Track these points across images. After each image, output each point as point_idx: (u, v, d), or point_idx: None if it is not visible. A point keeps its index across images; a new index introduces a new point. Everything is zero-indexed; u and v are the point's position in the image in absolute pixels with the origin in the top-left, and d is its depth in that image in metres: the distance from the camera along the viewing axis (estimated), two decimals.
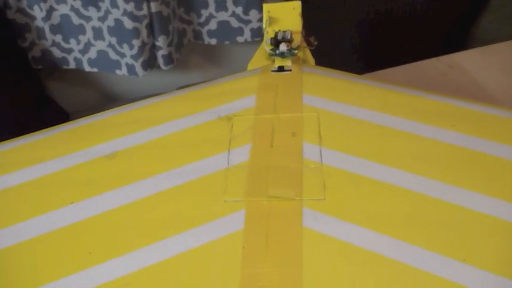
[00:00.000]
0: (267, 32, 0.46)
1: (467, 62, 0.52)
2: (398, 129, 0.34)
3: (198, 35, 0.81)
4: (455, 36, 0.87)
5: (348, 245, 0.28)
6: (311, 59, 0.45)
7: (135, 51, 0.74)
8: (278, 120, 0.35)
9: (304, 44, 0.46)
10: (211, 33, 0.81)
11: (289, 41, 0.44)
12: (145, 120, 0.39)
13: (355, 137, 0.33)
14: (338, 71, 0.41)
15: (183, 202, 0.33)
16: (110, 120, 0.41)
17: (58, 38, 0.77)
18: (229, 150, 0.33)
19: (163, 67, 0.78)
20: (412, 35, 0.83)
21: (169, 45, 0.75)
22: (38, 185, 0.36)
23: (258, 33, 0.80)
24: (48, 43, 0.77)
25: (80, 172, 0.36)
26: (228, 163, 0.33)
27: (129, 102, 0.79)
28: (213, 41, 0.82)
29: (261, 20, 0.78)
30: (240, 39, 0.81)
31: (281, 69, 0.40)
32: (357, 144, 0.33)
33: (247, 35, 0.80)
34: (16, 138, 0.42)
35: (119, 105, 0.92)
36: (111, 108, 0.91)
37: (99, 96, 0.89)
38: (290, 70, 0.40)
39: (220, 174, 0.33)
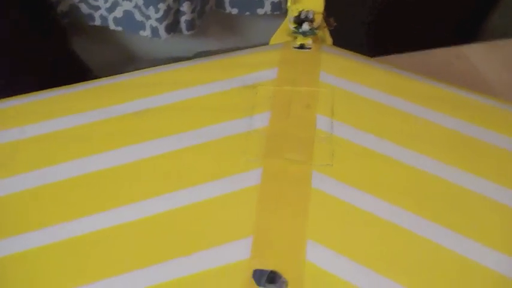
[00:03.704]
0: (291, 10, 0.49)
1: (473, 54, 0.56)
2: (405, 111, 0.38)
3: (220, 3, 0.84)
4: (468, 27, 0.90)
5: (350, 206, 0.32)
6: (329, 39, 0.49)
7: (160, 14, 0.77)
8: (295, 92, 0.39)
9: (324, 24, 0.50)
10: (233, 3, 0.84)
11: (311, 21, 0.47)
12: (171, 83, 0.43)
13: (364, 114, 0.38)
14: (354, 53, 0.45)
15: (204, 158, 0.37)
16: (134, 81, 0.45)
17: None
18: (251, 116, 0.38)
19: (185, 32, 0.81)
20: (426, 20, 0.86)
21: (192, 11, 0.79)
22: (59, 137, 0.39)
23: (277, 7, 0.83)
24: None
25: (103, 127, 0.40)
26: (250, 127, 0.37)
27: (148, 63, 0.83)
28: (234, 11, 0.85)
29: None
30: (260, 11, 0.84)
31: (302, 46, 0.44)
32: (365, 120, 0.37)
33: (267, 7, 0.83)
34: (40, 92, 0.45)
35: (138, 65, 0.97)
36: (130, 66, 0.95)
37: (118, 55, 0.93)
38: (310, 48, 0.44)
39: (241, 136, 0.37)
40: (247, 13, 0.85)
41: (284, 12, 0.53)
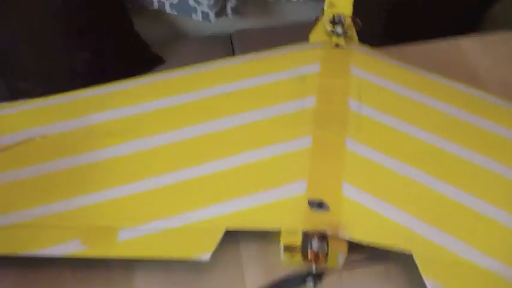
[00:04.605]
0: (327, 14, 0.64)
1: (470, 47, 0.70)
2: (414, 99, 0.54)
3: None
4: (472, 18, 1.02)
5: (373, 162, 0.49)
6: (355, 38, 0.64)
7: (211, 2, 0.92)
8: (333, 82, 0.55)
9: (352, 25, 0.65)
10: None
11: (343, 23, 0.62)
12: (234, 75, 0.57)
13: (384, 99, 0.53)
14: (374, 50, 0.60)
15: (269, 128, 0.53)
16: (206, 73, 0.59)
17: None
18: (302, 99, 0.54)
19: (230, 16, 0.96)
20: (433, 12, 0.99)
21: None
22: (173, 110, 0.55)
23: None
24: None
25: (200, 105, 0.54)
26: (302, 107, 0.53)
27: (196, 40, 1.01)
28: None
29: None
30: None
31: (337, 45, 0.59)
32: (385, 104, 0.53)
33: None
34: (110, 84, 0.58)
35: (186, 41, 1.14)
36: (180, 43, 1.13)
37: (170, 33, 1.09)
38: (343, 47, 0.59)
39: (295, 114, 0.53)
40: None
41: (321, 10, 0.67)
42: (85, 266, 0.48)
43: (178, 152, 0.53)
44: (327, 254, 0.43)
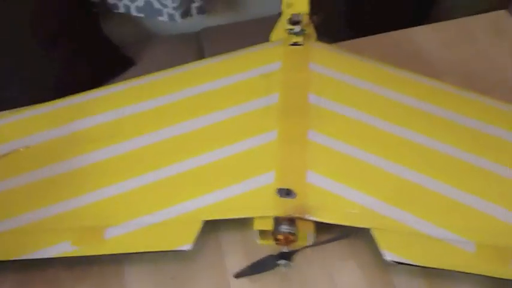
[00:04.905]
0: (285, 14, 0.68)
1: (420, 36, 0.76)
2: (371, 90, 0.59)
3: None
4: (422, 10, 1.08)
5: (333, 150, 0.54)
6: (314, 34, 0.68)
7: (176, 4, 0.95)
8: (294, 78, 0.60)
9: (310, 22, 0.69)
10: None
11: (300, 21, 0.67)
12: (203, 77, 0.61)
13: (341, 92, 0.58)
14: (335, 47, 0.65)
15: (237, 125, 0.57)
16: (176, 76, 0.63)
17: None
18: (267, 96, 0.58)
19: (195, 16, 1.00)
20: (388, 7, 1.05)
21: None
22: (152, 112, 0.59)
23: None
24: None
25: (170, 107, 0.59)
26: (266, 103, 0.58)
27: (163, 40, 1.04)
28: None
29: None
30: None
31: (296, 44, 0.64)
32: (343, 97, 0.58)
33: None
34: (89, 92, 0.62)
35: (154, 41, 1.18)
36: (148, 42, 1.17)
37: (138, 34, 1.11)
38: (302, 45, 0.64)
39: (261, 110, 0.58)
40: None
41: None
42: (78, 264, 0.52)
43: (156, 152, 0.57)
44: (296, 235, 0.48)
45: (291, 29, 0.65)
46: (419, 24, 0.79)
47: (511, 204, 0.51)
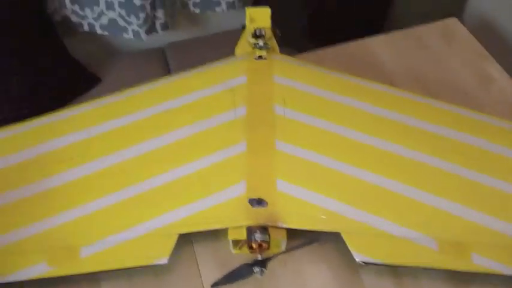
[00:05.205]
0: (249, 29, 0.71)
1: (375, 45, 0.79)
2: (335, 100, 0.62)
3: (185, 5, 1.04)
4: (376, 18, 1.14)
5: (300, 158, 0.56)
6: (276, 47, 0.71)
7: (141, 21, 0.96)
8: (260, 91, 0.62)
9: (272, 36, 0.72)
10: (195, 4, 1.04)
11: (263, 36, 0.69)
12: (170, 93, 0.63)
13: (305, 102, 0.61)
14: (297, 59, 0.68)
15: (206, 139, 0.58)
16: (144, 94, 0.64)
17: (76, 7, 0.98)
18: (234, 109, 0.60)
19: (160, 32, 1.01)
20: (345, 18, 1.10)
21: (165, 15, 0.99)
22: (121, 131, 0.60)
23: (231, 6, 1.04)
24: (68, 11, 0.98)
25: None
26: (234, 117, 0.60)
27: (129, 56, 1.05)
28: (197, 10, 1.05)
29: None
30: (218, 9, 1.04)
31: (260, 57, 0.66)
32: (307, 107, 0.60)
33: (224, 6, 1.04)
34: (55, 113, 0.63)
35: (120, 58, 1.18)
36: (113, 59, 1.16)
37: (103, 51, 1.12)
38: (265, 58, 0.66)
39: (229, 123, 0.59)
40: (208, 11, 1.05)
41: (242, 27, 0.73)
42: (54, 285, 0.52)
43: (127, 170, 0.58)
44: (269, 243, 0.50)
45: (255, 43, 0.67)
46: (375, 33, 0.83)
47: (468, 200, 0.55)
